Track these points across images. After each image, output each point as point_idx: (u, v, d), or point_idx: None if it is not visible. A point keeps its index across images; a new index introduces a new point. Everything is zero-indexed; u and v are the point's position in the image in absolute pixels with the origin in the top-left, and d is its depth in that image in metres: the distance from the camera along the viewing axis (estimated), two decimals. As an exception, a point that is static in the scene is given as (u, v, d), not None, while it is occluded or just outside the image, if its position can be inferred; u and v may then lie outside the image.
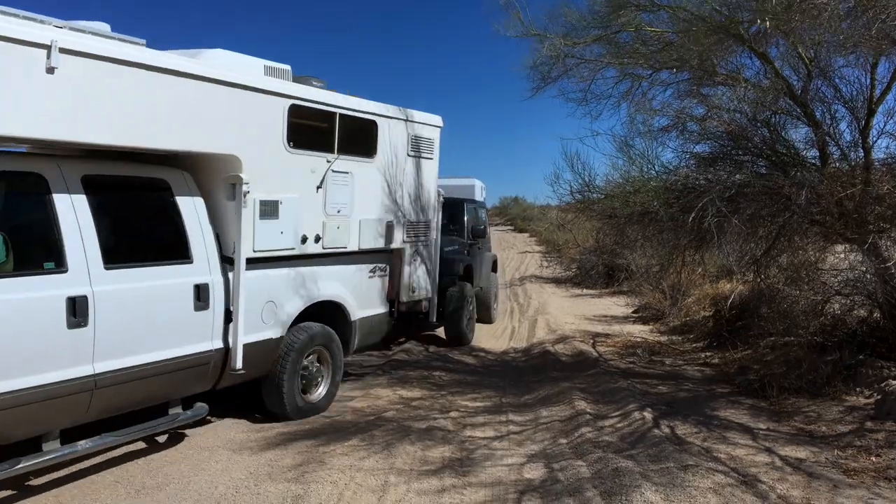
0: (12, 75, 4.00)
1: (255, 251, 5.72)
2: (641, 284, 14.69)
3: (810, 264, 8.16)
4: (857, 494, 4.59)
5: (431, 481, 4.90)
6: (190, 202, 5.38)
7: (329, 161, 6.51)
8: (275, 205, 5.87)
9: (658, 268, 10.93)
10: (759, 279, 8.76)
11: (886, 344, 7.13)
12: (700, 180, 7.58)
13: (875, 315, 7.60)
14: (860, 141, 7.20)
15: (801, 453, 5.39)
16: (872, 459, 5.21)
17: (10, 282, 4.10)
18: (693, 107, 8.31)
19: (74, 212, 4.51)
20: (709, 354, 9.42)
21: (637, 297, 14.85)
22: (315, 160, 6.39)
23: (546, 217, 35.36)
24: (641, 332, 11.69)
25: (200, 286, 5.28)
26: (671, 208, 7.58)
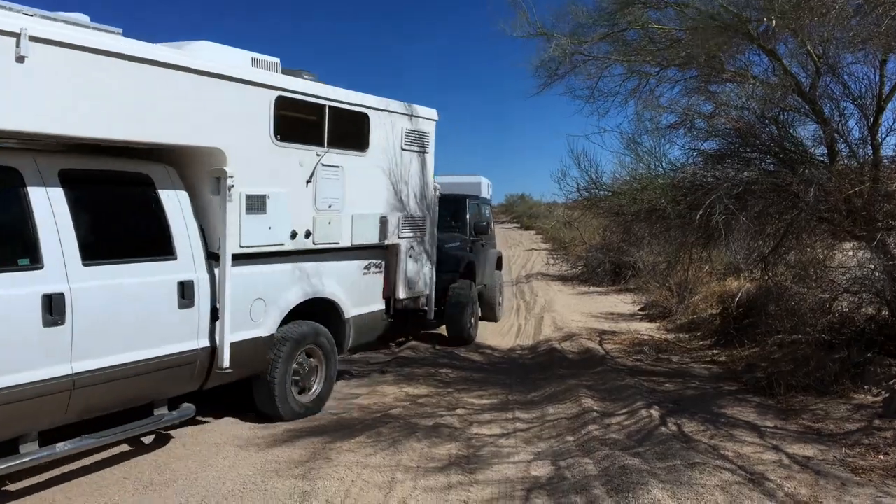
0: None
1: (242, 247, 5.58)
2: (648, 282, 14.67)
3: (818, 262, 8.13)
4: (866, 493, 4.58)
5: (438, 478, 4.90)
6: (173, 197, 5.22)
7: (319, 155, 6.35)
8: (262, 199, 5.72)
9: (665, 265, 10.91)
10: (767, 277, 8.73)
11: (895, 342, 7.10)
12: (708, 177, 7.57)
13: (883, 313, 7.57)
14: (869, 138, 7.18)
15: (809, 451, 5.38)
16: (881, 458, 5.19)
17: None
18: (701, 104, 8.29)
19: (51, 207, 4.36)
20: (716, 352, 9.40)
21: (644, 295, 14.83)
22: (304, 153, 6.22)
23: (552, 214, 35.38)
24: (648, 330, 11.68)
25: (185, 283, 5.15)
26: (679, 205, 7.57)
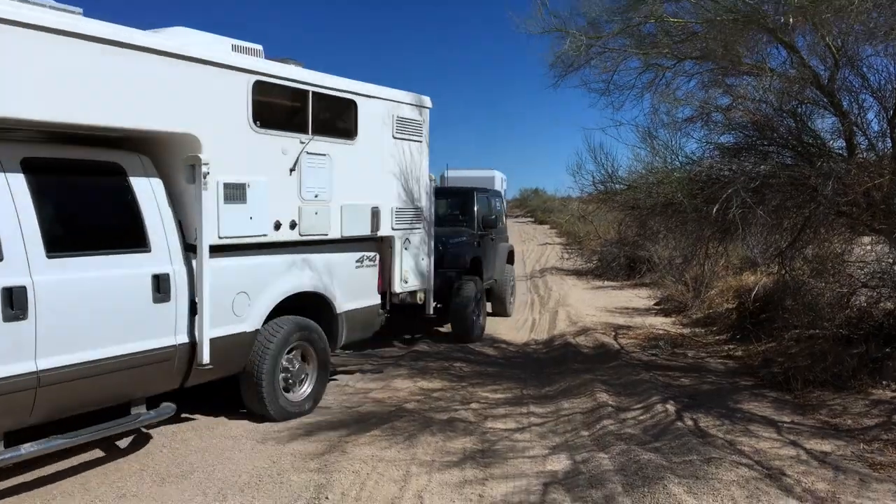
0: None
1: (222, 237, 5.38)
2: (664, 276, 14.59)
3: (836, 256, 8.07)
4: (884, 488, 4.54)
5: (453, 472, 4.91)
6: (147, 188, 5.03)
7: (303, 142, 6.12)
8: (241, 188, 5.51)
9: (681, 259, 10.85)
10: (784, 271, 8.66)
11: (914, 337, 7.04)
12: (724, 171, 7.50)
13: (902, 307, 7.50)
14: (888, 131, 7.09)
15: (827, 447, 5.34)
16: (900, 454, 5.15)
17: None
18: (718, 97, 8.23)
19: (12, 197, 4.22)
20: (732, 347, 9.35)
21: (659, 290, 14.76)
22: (286, 141, 5.99)
23: (567, 209, 35.25)
24: (663, 325, 11.62)
25: (160, 276, 4.95)
26: (695, 199, 7.51)
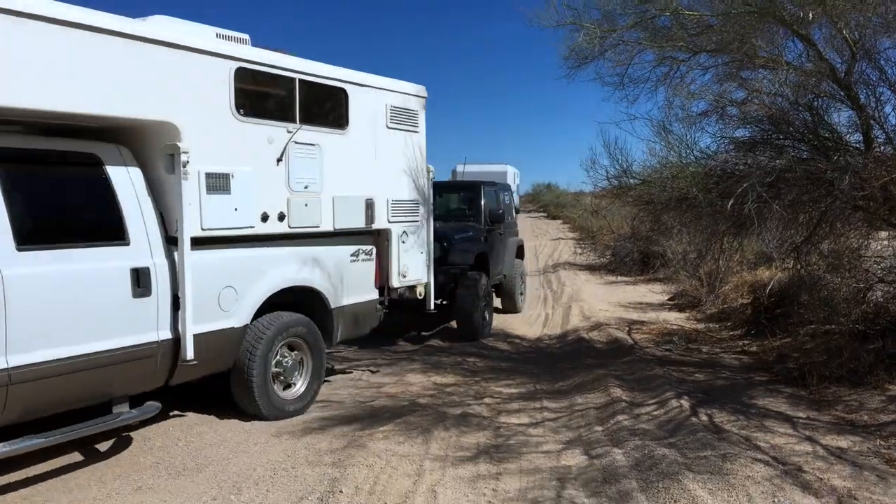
0: None
1: (205, 229, 5.23)
2: (678, 271, 14.52)
3: (852, 251, 7.99)
4: (903, 485, 4.51)
5: (467, 467, 4.91)
6: (125, 179, 4.88)
7: (290, 131, 5.94)
8: (225, 178, 5.35)
9: (695, 255, 10.79)
10: (800, 266, 8.60)
11: (931, 333, 6.97)
12: (740, 165, 7.44)
13: (919, 303, 7.44)
14: (906, 124, 7.03)
15: (843, 443, 5.29)
16: (917, 450, 5.10)
17: None
18: (733, 90, 8.15)
19: None
20: (747, 342, 9.29)
21: (673, 285, 14.69)
22: (272, 130, 5.82)
23: (580, 203, 35.07)
24: (677, 320, 11.57)
25: (140, 270, 4.80)
26: (710, 194, 7.46)
